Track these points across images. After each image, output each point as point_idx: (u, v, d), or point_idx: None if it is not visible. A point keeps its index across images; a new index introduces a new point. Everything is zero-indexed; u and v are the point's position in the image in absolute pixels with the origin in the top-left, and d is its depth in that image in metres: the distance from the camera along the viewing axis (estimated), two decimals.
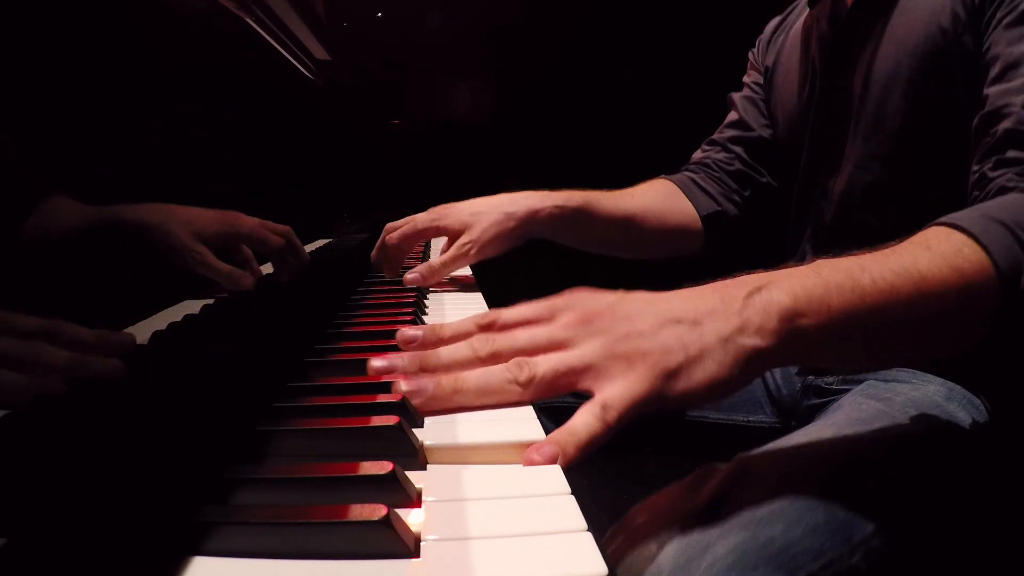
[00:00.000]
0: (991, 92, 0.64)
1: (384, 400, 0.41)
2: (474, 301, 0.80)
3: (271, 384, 0.45)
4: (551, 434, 0.39)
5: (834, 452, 0.58)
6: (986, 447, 0.66)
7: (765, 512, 0.48)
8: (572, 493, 0.33)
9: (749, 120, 0.99)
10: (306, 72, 1.47)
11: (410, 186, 2.23)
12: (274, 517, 0.28)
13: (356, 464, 0.33)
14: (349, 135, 1.89)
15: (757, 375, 0.44)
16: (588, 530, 0.29)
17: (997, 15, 0.66)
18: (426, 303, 0.77)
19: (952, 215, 0.52)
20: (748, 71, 1.04)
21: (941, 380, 0.72)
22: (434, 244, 0.99)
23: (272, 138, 1.22)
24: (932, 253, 0.48)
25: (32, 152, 0.55)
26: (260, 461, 0.36)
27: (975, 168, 0.64)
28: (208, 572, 0.27)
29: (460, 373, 0.43)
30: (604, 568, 0.27)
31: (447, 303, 0.79)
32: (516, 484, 0.34)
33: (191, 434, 0.35)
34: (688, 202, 0.97)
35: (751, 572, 0.44)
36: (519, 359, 0.43)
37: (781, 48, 0.97)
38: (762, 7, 1.07)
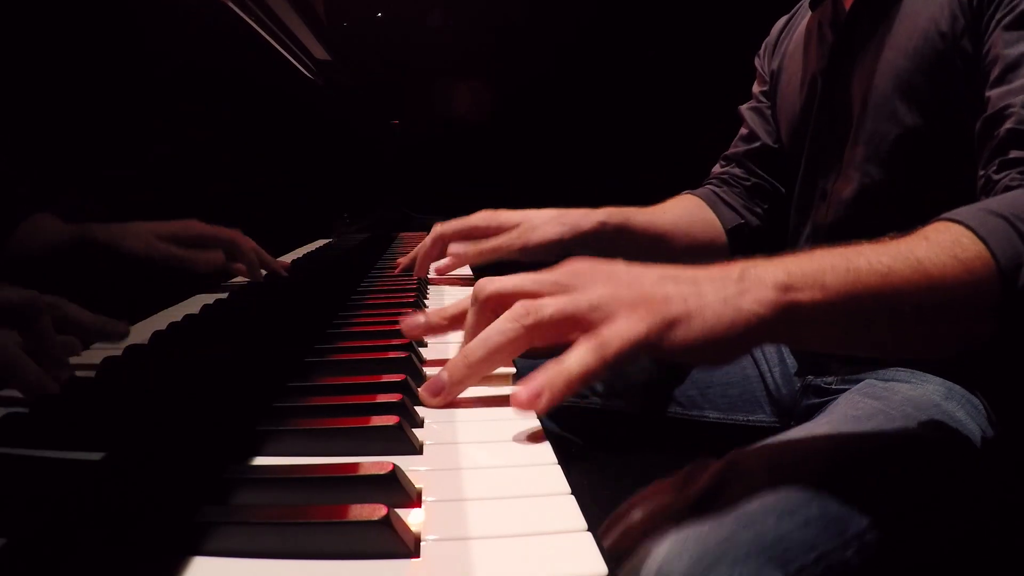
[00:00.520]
0: (992, 95, 0.64)
1: (384, 400, 0.41)
2: None
3: (271, 384, 0.45)
4: (539, 372, 0.39)
5: (829, 448, 0.58)
6: (984, 447, 0.66)
7: (758, 505, 0.48)
8: (572, 493, 0.33)
9: (757, 132, 1.00)
10: (306, 72, 1.47)
11: (410, 186, 2.23)
12: (274, 517, 0.28)
13: (356, 464, 0.33)
14: (349, 135, 1.89)
15: (753, 344, 0.44)
16: (588, 530, 0.29)
17: (996, 16, 0.66)
18: (426, 303, 0.77)
19: (951, 211, 0.52)
20: (756, 80, 1.04)
21: (940, 380, 0.72)
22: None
23: (272, 138, 1.22)
24: (930, 242, 0.48)
25: (31, 154, 0.55)
26: (260, 460, 0.36)
27: (981, 173, 0.64)
28: (208, 572, 0.27)
29: (465, 348, 0.44)
30: (604, 568, 0.27)
31: (447, 301, 0.79)
32: (516, 484, 0.34)
33: (191, 434, 0.35)
34: (714, 216, 0.98)
35: (743, 564, 0.44)
36: (524, 302, 0.43)
37: (786, 52, 0.97)
38: (765, 6, 1.07)
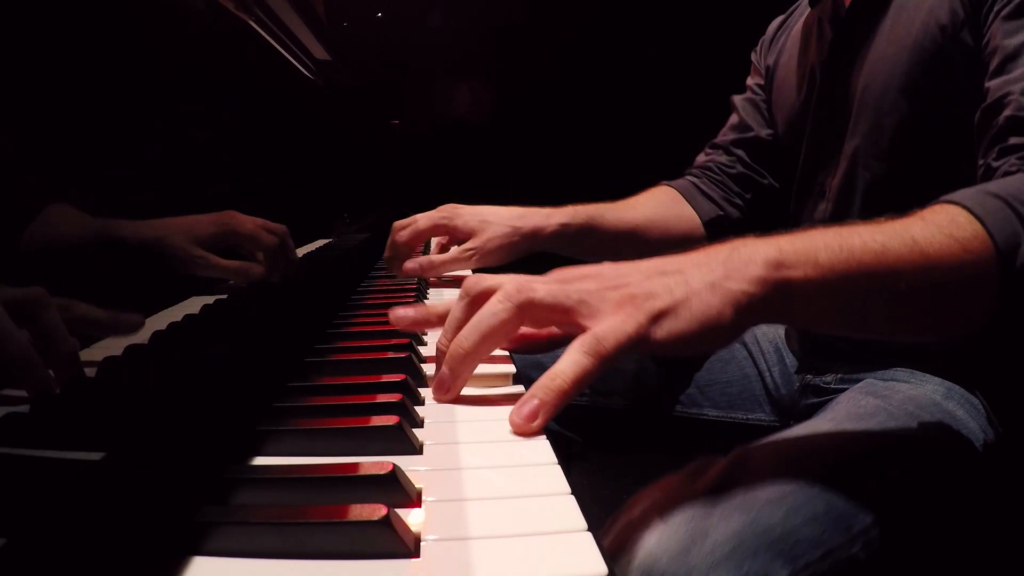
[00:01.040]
0: (991, 85, 0.64)
1: (384, 400, 0.41)
2: None
3: (271, 384, 0.45)
4: (533, 385, 0.39)
5: (833, 445, 0.58)
6: (984, 446, 0.66)
7: (765, 500, 0.48)
8: (572, 493, 0.33)
9: (750, 122, 1.00)
10: (306, 72, 1.47)
11: (410, 186, 2.23)
12: (274, 517, 0.28)
13: (356, 464, 0.33)
14: (349, 135, 1.89)
15: (747, 323, 0.44)
16: (588, 530, 0.29)
17: (995, 8, 0.66)
18: (427, 303, 0.77)
19: (949, 194, 0.52)
20: (751, 73, 1.04)
21: (939, 380, 0.72)
22: (432, 241, 1.00)
23: (272, 138, 1.22)
24: (926, 222, 0.48)
25: (32, 154, 0.55)
26: (260, 460, 0.36)
27: (980, 161, 0.64)
28: (208, 572, 0.27)
29: (455, 339, 0.44)
30: (604, 568, 0.27)
31: (447, 302, 0.79)
32: (516, 484, 0.34)
33: (191, 434, 0.35)
34: (691, 209, 0.98)
35: (751, 559, 0.44)
36: (515, 282, 0.44)
37: (782, 48, 0.97)
38: (764, 6, 1.07)
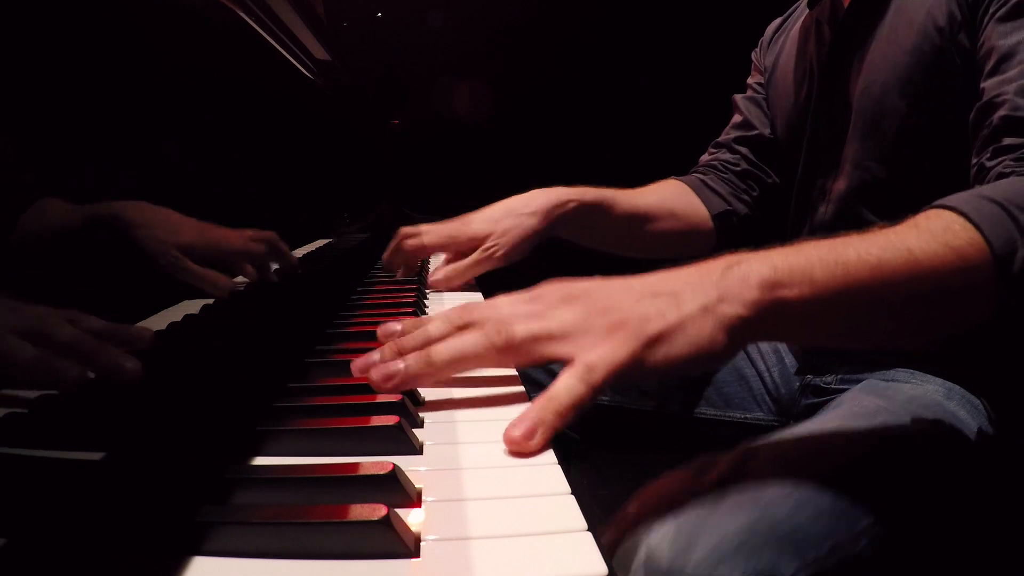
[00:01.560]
0: (987, 85, 0.65)
1: (384, 400, 0.41)
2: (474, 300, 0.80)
3: (271, 384, 0.45)
4: (529, 406, 0.39)
5: (838, 443, 0.58)
6: (985, 446, 0.66)
7: (771, 495, 0.48)
8: (572, 493, 0.33)
9: (753, 120, 1.00)
10: (306, 72, 1.47)
11: (410, 186, 2.23)
12: (274, 517, 0.28)
13: (356, 464, 0.33)
14: (349, 135, 1.89)
15: (740, 346, 0.43)
16: (588, 530, 0.29)
17: (990, 9, 0.67)
18: (426, 303, 0.77)
19: (944, 198, 0.51)
20: (752, 72, 1.04)
21: (940, 380, 0.72)
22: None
23: (272, 138, 1.22)
24: (920, 230, 0.47)
25: (30, 153, 0.55)
26: (260, 460, 0.36)
27: (974, 161, 0.64)
28: (208, 572, 0.27)
29: (433, 346, 0.43)
30: (604, 568, 0.27)
31: (447, 303, 0.79)
32: (516, 484, 0.34)
33: (191, 434, 0.35)
34: (699, 201, 0.98)
35: (758, 553, 0.44)
36: (496, 323, 0.43)
37: (781, 49, 0.97)
38: (764, 8, 1.07)
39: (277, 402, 0.42)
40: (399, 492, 0.31)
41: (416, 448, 0.37)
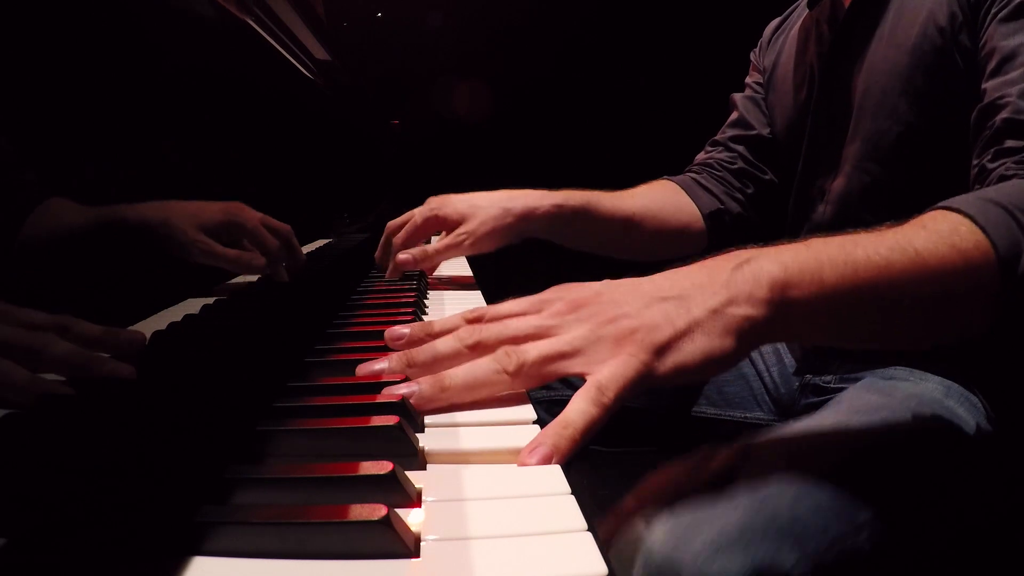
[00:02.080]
0: (988, 86, 0.65)
1: (384, 400, 0.41)
2: (473, 301, 0.80)
3: (271, 384, 0.45)
4: (544, 430, 0.38)
5: (838, 439, 0.58)
6: (984, 443, 0.66)
7: (772, 488, 0.48)
8: (572, 493, 0.33)
9: (750, 119, 1.00)
10: (306, 72, 1.47)
11: (410, 186, 2.23)
12: (274, 517, 0.28)
13: (356, 464, 0.33)
14: (349, 135, 1.89)
15: (751, 348, 0.43)
16: (588, 530, 0.29)
17: (992, 10, 0.67)
18: (426, 303, 0.77)
19: (949, 200, 0.51)
20: (750, 72, 1.04)
21: (939, 379, 0.72)
22: (434, 239, 1.00)
23: (272, 138, 1.22)
24: (928, 231, 0.47)
25: (32, 154, 0.55)
26: (260, 461, 0.36)
27: (975, 162, 0.64)
28: (208, 572, 0.27)
29: (447, 371, 0.43)
30: (604, 568, 0.27)
31: (447, 303, 0.79)
32: (516, 484, 0.34)
33: (191, 434, 0.35)
34: (690, 201, 0.98)
35: (759, 543, 0.44)
36: (506, 347, 0.42)
37: (780, 49, 0.97)
38: (763, 8, 1.07)
39: (277, 402, 0.42)
40: (399, 492, 0.31)
41: (416, 448, 0.37)
